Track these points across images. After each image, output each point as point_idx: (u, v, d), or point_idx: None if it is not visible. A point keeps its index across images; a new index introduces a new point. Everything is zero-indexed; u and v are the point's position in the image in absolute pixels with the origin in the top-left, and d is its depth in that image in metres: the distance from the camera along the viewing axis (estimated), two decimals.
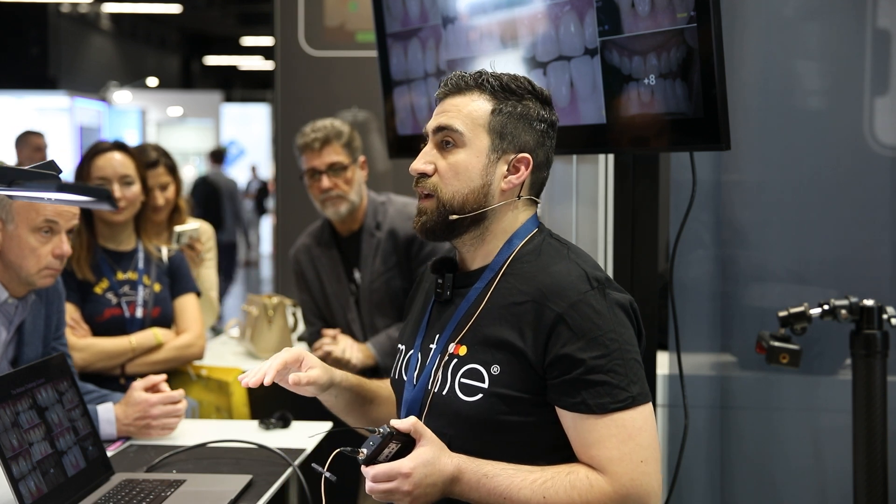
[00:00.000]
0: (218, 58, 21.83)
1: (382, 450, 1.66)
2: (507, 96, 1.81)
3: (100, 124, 14.68)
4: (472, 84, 1.82)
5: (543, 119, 1.83)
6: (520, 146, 1.80)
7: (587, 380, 1.67)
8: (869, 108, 3.09)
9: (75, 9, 16.13)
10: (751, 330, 2.86)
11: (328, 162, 3.30)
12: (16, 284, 2.45)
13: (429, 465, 1.66)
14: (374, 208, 3.39)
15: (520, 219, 1.83)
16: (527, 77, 1.86)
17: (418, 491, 1.66)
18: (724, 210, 3.15)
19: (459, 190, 1.79)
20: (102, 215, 3.08)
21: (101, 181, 3.05)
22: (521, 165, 1.80)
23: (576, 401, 1.68)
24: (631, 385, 1.68)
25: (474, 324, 1.77)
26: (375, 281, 3.35)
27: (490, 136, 1.79)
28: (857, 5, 3.09)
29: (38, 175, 1.81)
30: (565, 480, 1.67)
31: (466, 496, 1.70)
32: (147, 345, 3.07)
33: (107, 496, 2.08)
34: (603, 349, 1.67)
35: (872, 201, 3.06)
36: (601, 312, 1.69)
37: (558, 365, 1.68)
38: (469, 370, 1.75)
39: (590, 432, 1.68)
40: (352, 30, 4.97)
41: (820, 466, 3.07)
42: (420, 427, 1.69)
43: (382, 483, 1.65)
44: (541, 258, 1.78)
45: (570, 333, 1.68)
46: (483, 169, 1.79)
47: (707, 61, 2.01)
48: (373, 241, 3.36)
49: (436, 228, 1.81)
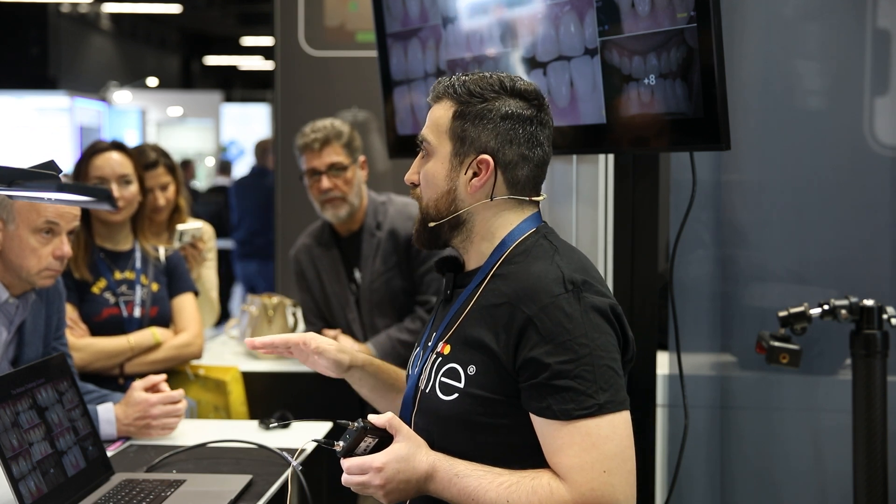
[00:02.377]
0: (218, 58, 21.81)
1: (359, 443, 1.69)
2: (469, 99, 1.80)
3: (100, 124, 14.65)
4: (442, 92, 1.84)
5: (510, 116, 1.79)
6: (479, 148, 1.79)
7: (553, 385, 1.65)
8: (869, 108, 3.09)
9: (75, 9, 16.12)
10: (751, 330, 2.86)
11: (328, 162, 3.30)
12: (16, 284, 2.45)
13: (402, 461, 1.69)
14: (375, 208, 3.39)
15: (508, 220, 1.82)
16: (500, 74, 1.83)
17: (390, 486, 1.68)
18: (724, 210, 3.15)
19: (431, 197, 1.83)
20: (100, 215, 3.08)
21: (100, 181, 3.05)
22: (481, 167, 1.79)
23: (542, 405, 1.66)
24: (599, 392, 1.64)
25: (460, 324, 1.78)
26: (376, 281, 3.35)
27: (452, 141, 1.81)
28: (857, 5, 3.09)
29: (38, 175, 1.81)
30: (528, 485, 1.66)
31: (440, 494, 1.72)
32: (145, 344, 3.06)
33: (107, 496, 2.08)
34: (571, 354, 1.65)
35: (872, 201, 3.06)
36: (572, 316, 1.66)
37: (527, 368, 1.68)
38: (449, 369, 1.76)
39: (554, 438, 1.66)
40: (352, 30, 4.97)
41: (820, 466, 3.07)
42: (396, 423, 1.72)
43: (355, 476, 1.69)
44: (527, 259, 1.77)
45: (539, 337, 1.66)
46: (447, 175, 1.81)
47: (707, 61, 2.01)
48: (373, 241, 3.36)
49: (422, 237, 1.86)
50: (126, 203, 3.09)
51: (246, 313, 3.84)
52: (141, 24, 18.86)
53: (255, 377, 3.49)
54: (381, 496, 1.70)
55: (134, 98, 16.08)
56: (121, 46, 18.50)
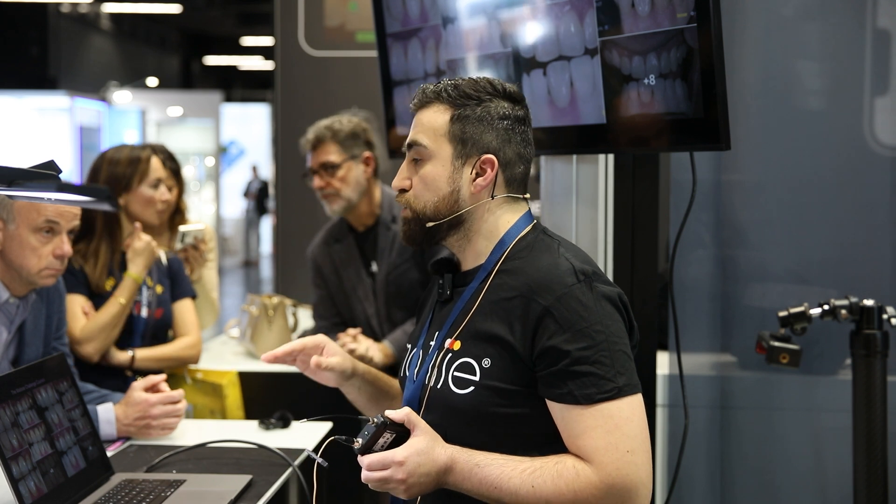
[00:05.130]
0: (218, 58, 21.83)
1: (377, 439, 1.69)
2: (464, 102, 1.85)
3: (100, 124, 14.65)
4: (432, 96, 1.87)
5: (506, 116, 1.86)
6: (482, 148, 1.84)
7: (573, 371, 1.69)
8: (869, 108, 3.09)
9: (75, 9, 16.13)
10: (751, 330, 2.86)
11: (320, 161, 3.40)
12: (17, 284, 2.45)
13: (422, 455, 1.69)
14: (390, 202, 3.44)
15: (506, 217, 1.86)
16: (488, 77, 1.89)
17: (412, 480, 1.69)
18: (724, 210, 3.15)
19: (430, 199, 1.85)
20: (146, 218, 3.14)
21: (157, 182, 3.16)
22: (486, 167, 1.84)
23: (562, 391, 1.70)
24: (617, 376, 1.70)
25: (469, 320, 1.81)
26: (392, 273, 3.40)
27: (451, 143, 1.84)
28: (857, 5, 3.09)
29: (38, 175, 1.81)
30: (553, 470, 1.69)
31: (459, 486, 1.73)
32: (132, 290, 3.03)
33: (107, 496, 2.08)
34: (589, 340, 1.70)
35: (872, 201, 3.06)
36: (587, 305, 1.72)
37: (545, 357, 1.71)
38: (462, 364, 1.79)
39: (576, 423, 1.70)
40: (352, 30, 4.97)
41: (820, 466, 3.07)
42: (414, 417, 1.73)
43: (377, 472, 1.69)
44: (531, 254, 1.82)
45: (557, 326, 1.71)
46: (449, 177, 1.84)
47: (707, 61, 2.01)
48: (389, 234, 3.41)
49: (415, 237, 1.88)
50: (167, 206, 3.21)
51: (246, 313, 3.84)
52: (141, 24, 18.87)
53: (254, 377, 3.49)
54: (401, 491, 1.70)
55: (134, 98, 16.08)
56: (121, 46, 18.51)
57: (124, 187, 3.13)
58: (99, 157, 3.20)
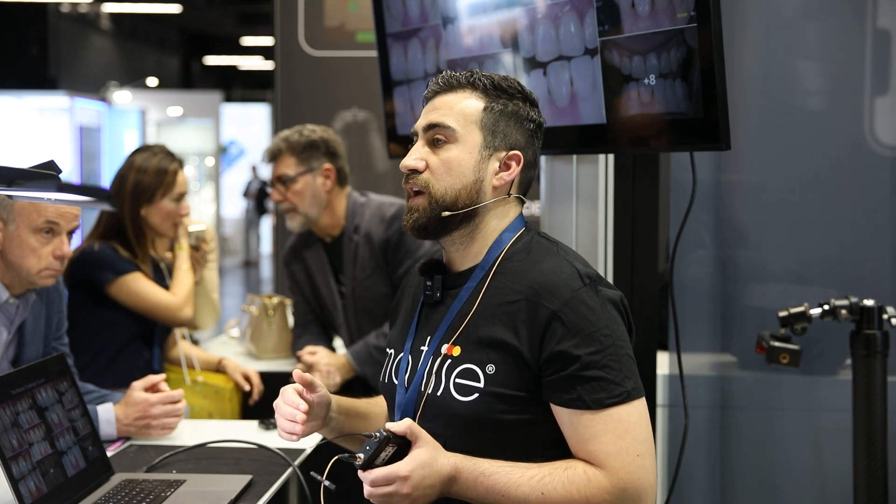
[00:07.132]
0: (218, 58, 21.81)
1: (379, 453, 1.65)
2: (498, 95, 1.83)
3: (100, 124, 14.63)
4: (464, 82, 1.84)
5: (532, 119, 1.85)
6: (511, 144, 1.82)
7: (582, 376, 1.68)
8: (869, 108, 3.09)
9: (75, 9, 16.12)
10: (751, 330, 2.86)
11: (276, 174, 3.32)
12: (17, 284, 2.45)
13: (426, 467, 1.65)
14: (354, 211, 3.33)
15: (508, 218, 1.84)
16: (515, 78, 1.88)
17: (417, 493, 1.65)
18: (724, 210, 3.15)
19: (452, 185, 1.80)
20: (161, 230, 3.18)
21: (182, 196, 3.19)
22: (512, 162, 1.82)
23: (571, 397, 1.69)
24: (625, 380, 1.69)
25: (468, 324, 1.77)
26: (358, 288, 3.31)
27: (482, 132, 1.81)
28: (857, 5, 3.09)
29: (38, 175, 1.81)
30: (563, 476, 1.67)
31: (464, 495, 1.70)
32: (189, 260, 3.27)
33: (107, 496, 2.08)
34: (598, 345, 1.69)
35: (872, 201, 3.06)
36: (594, 309, 1.71)
37: (554, 362, 1.69)
38: (464, 370, 1.75)
39: (586, 428, 1.68)
40: (352, 30, 4.97)
41: (820, 466, 3.07)
42: (416, 429, 1.68)
43: (381, 487, 1.64)
44: (531, 256, 1.79)
45: (565, 330, 1.69)
46: (475, 165, 1.80)
47: (707, 61, 2.01)
48: (351, 245, 3.31)
49: (428, 225, 1.80)
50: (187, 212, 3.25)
51: (246, 313, 3.84)
52: (141, 24, 18.86)
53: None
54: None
55: (134, 98, 16.07)
56: (121, 46, 18.50)
57: (148, 199, 3.12)
58: (127, 162, 3.18)
